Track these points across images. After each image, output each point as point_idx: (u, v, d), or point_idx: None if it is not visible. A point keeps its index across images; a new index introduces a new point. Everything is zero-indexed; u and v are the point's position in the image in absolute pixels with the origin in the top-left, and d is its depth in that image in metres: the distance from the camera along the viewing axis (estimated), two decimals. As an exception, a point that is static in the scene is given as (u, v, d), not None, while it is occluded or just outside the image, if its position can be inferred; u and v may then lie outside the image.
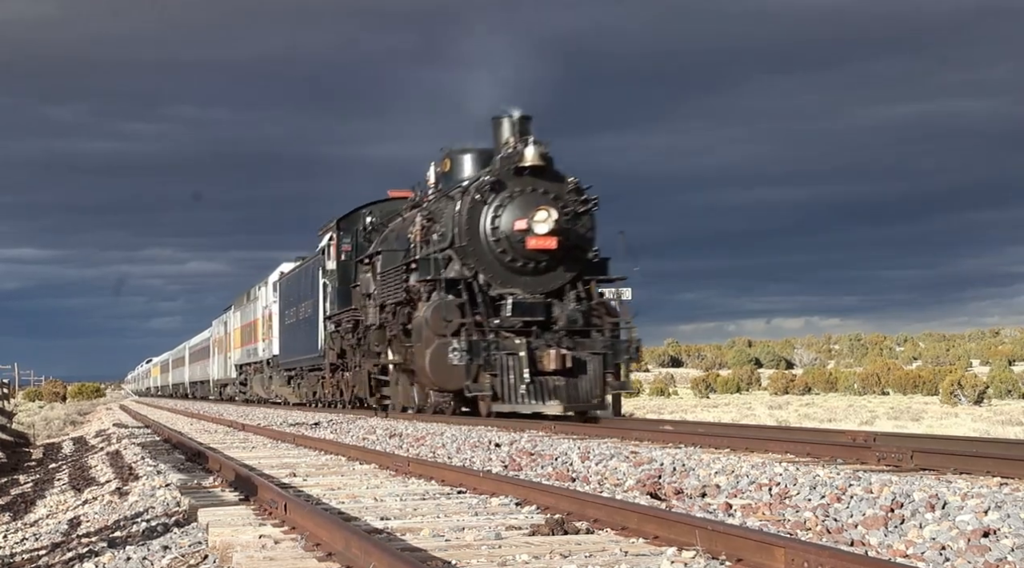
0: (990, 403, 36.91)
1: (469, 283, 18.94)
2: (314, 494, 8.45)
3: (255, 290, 43.67)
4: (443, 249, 19.41)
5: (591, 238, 19.54)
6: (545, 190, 18.98)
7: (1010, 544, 5.30)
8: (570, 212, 18.96)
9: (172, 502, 8.77)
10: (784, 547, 4.77)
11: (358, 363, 24.73)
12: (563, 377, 18.04)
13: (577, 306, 19.02)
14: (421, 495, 8.20)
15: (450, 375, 18.22)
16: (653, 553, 5.42)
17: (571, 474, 9.33)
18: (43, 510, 11.47)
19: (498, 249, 18.97)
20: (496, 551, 5.64)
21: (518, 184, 19.00)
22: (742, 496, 7.46)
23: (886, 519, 6.08)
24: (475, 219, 19.09)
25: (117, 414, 42.17)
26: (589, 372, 18.27)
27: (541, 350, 18.10)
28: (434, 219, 20.35)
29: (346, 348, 25.64)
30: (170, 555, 6.40)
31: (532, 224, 18.72)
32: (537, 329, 18.56)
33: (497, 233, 18.96)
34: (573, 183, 19.21)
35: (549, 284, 19.23)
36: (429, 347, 18.49)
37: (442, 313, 18.51)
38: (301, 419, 23.06)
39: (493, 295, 19.02)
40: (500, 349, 18.02)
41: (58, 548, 7.85)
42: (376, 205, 26.49)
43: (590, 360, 18.34)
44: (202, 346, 63.67)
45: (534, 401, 17.77)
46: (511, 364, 17.90)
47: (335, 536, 5.68)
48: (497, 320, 18.64)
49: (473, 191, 19.19)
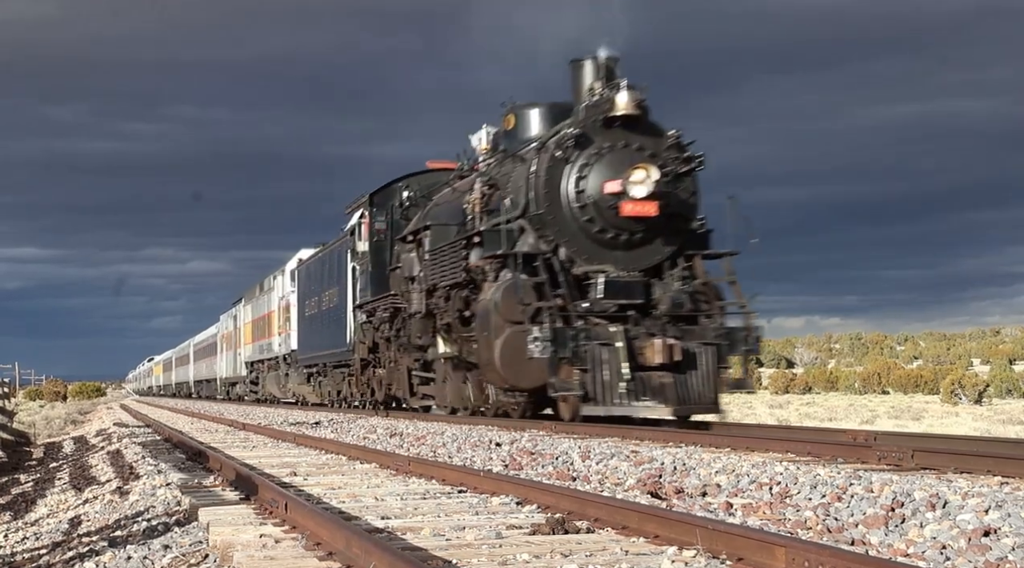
0: (991, 402, 36.91)
1: (548, 259, 15.79)
2: (315, 493, 8.45)
3: (269, 280, 40.56)
4: (513, 219, 16.13)
5: (694, 204, 16.40)
6: (640, 146, 15.85)
7: (1011, 543, 5.30)
8: (670, 172, 15.81)
9: (173, 501, 8.77)
10: (785, 546, 4.77)
11: (393, 358, 21.85)
12: (670, 373, 14.96)
13: (681, 286, 15.96)
14: (422, 494, 8.20)
15: (527, 370, 15.28)
16: (654, 552, 5.42)
17: (572, 473, 9.33)
18: (44, 509, 11.48)
19: (584, 217, 15.89)
20: (497, 550, 5.64)
21: (607, 138, 15.86)
22: (743, 495, 7.46)
23: (887, 518, 6.08)
24: (555, 181, 15.96)
25: (118, 413, 42.18)
26: (700, 367, 15.23)
27: (642, 340, 15.05)
28: (497, 185, 17.31)
29: (379, 341, 22.66)
30: (171, 554, 6.40)
31: (627, 186, 15.49)
32: (636, 314, 15.50)
33: (583, 198, 15.85)
34: (674, 136, 16.09)
35: (645, 260, 16.12)
36: (499, 336, 15.46)
37: (516, 295, 15.42)
38: (302, 418, 23.07)
39: (577, 273, 15.94)
40: (591, 338, 14.87)
41: (59, 547, 7.85)
42: (414, 177, 23.15)
43: (701, 352, 15.29)
44: (208, 343, 61.25)
45: (635, 402, 14.71)
46: (606, 357, 14.75)
47: (336, 535, 5.68)
48: (586, 303, 15.55)
49: (553, 147, 16.02)
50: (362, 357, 24.13)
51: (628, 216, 15.64)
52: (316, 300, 29.83)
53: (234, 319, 49.44)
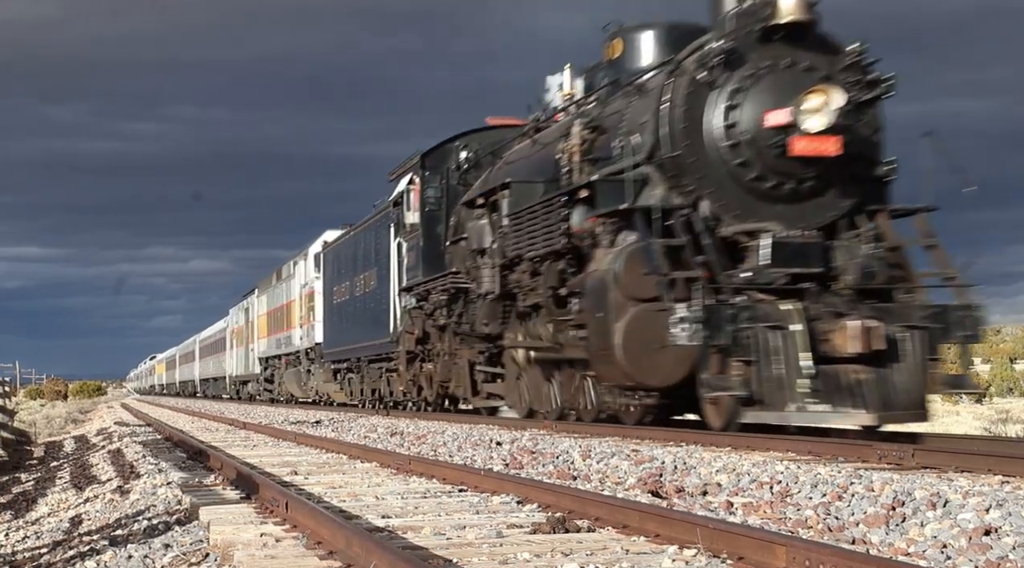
0: (991, 401, 36.89)
1: (686, 216, 11.99)
2: (315, 492, 8.45)
3: (288, 266, 36.94)
4: (638, 165, 12.42)
5: (878, 144, 12.61)
6: (811, 64, 12.10)
7: (1011, 542, 5.30)
8: (853, 100, 12.01)
9: (173, 500, 8.77)
10: (785, 545, 4.77)
11: (450, 349, 18.50)
12: (867, 366, 11.26)
13: (870, 249, 12.17)
14: (422, 493, 8.20)
15: (659, 362, 11.74)
16: (654, 551, 5.42)
17: (572, 472, 9.33)
18: (44, 508, 11.47)
19: (735, 160, 12.10)
20: (497, 549, 5.63)
21: (767, 55, 12.09)
22: (743, 494, 7.46)
23: (887, 517, 6.08)
24: (696, 112, 12.18)
25: (119, 412, 42.18)
26: (905, 358, 11.44)
27: (827, 321, 11.31)
28: (603, 127, 13.65)
29: (430, 330, 19.31)
30: (171, 553, 6.40)
31: (799, 116, 11.68)
32: (815, 287, 11.78)
33: (734, 134, 12.06)
34: (855, 52, 12.22)
35: (816, 217, 12.32)
36: (621, 318, 11.90)
37: (648, 263, 11.82)
38: (302, 417, 23.07)
39: (725, 235, 12.18)
40: (757, 319, 11.15)
41: (59, 546, 7.85)
42: (474, 135, 19.83)
43: (905, 339, 11.48)
44: (216, 339, 58.32)
45: (822, 405, 11.08)
46: (779, 344, 11.10)
47: (336, 534, 5.68)
48: (747, 272, 11.85)
49: (692, 67, 12.25)
50: (408, 349, 20.59)
51: (799, 157, 11.83)
52: (347, 286, 26.60)
53: (246, 312, 46.36)
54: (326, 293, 29.49)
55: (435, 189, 19.56)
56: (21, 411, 38.12)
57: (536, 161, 15.55)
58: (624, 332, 11.91)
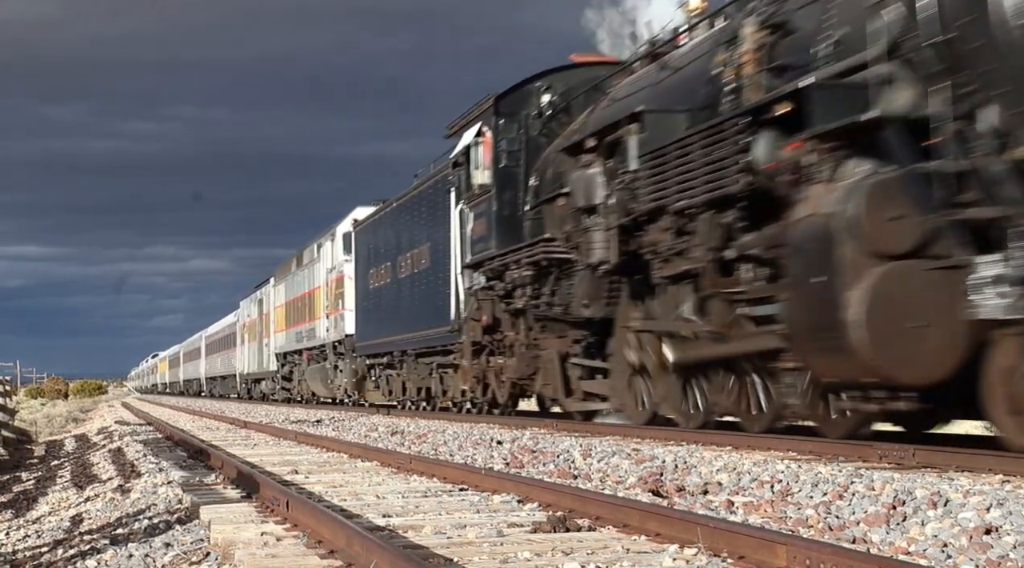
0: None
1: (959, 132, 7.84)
2: (316, 491, 8.46)
3: (312, 250, 32.63)
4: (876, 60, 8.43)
5: None
6: None
7: (1012, 541, 5.30)
8: None
9: (174, 499, 8.77)
10: (786, 544, 4.77)
11: (527, 339, 15.48)
12: None
13: None
14: (423, 492, 8.20)
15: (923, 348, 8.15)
16: (655, 551, 5.42)
17: (573, 472, 9.33)
18: (45, 507, 11.47)
19: None
20: (498, 548, 5.64)
21: None
22: (744, 493, 7.46)
23: (888, 516, 6.08)
24: None
25: (119, 412, 42.18)
26: None
27: None
28: (790, 27, 10.20)
29: (502, 316, 16.27)
30: (172, 552, 6.40)
31: None
32: None
33: None
34: None
35: None
36: (862, 282, 8.21)
37: (896, 200, 8.22)
38: (303, 417, 23.07)
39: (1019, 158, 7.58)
40: None
41: (60, 545, 7.85)
42: (558, 74, 16.35)
43: None
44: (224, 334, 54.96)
45: None
46: None
47: (337, 534, 5.68)
48: None
49: None
50: (474, 339, 17.11)
51: None
52: (388, 267, 22.78)
53: (259, 304, 42.57)
54: (359, 277, 25.87)
55: (511, 141, 16.18)
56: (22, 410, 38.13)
57: (671, 87, 12.13)
58: (868, 303, 8.24)
